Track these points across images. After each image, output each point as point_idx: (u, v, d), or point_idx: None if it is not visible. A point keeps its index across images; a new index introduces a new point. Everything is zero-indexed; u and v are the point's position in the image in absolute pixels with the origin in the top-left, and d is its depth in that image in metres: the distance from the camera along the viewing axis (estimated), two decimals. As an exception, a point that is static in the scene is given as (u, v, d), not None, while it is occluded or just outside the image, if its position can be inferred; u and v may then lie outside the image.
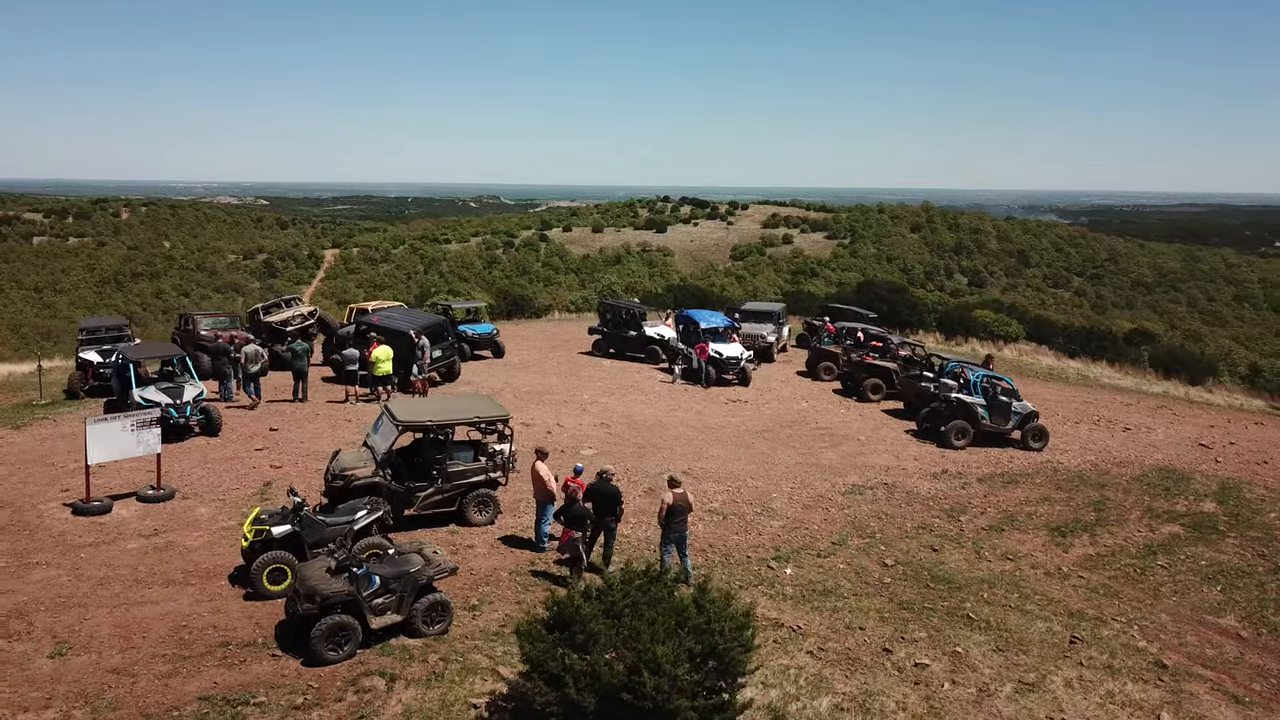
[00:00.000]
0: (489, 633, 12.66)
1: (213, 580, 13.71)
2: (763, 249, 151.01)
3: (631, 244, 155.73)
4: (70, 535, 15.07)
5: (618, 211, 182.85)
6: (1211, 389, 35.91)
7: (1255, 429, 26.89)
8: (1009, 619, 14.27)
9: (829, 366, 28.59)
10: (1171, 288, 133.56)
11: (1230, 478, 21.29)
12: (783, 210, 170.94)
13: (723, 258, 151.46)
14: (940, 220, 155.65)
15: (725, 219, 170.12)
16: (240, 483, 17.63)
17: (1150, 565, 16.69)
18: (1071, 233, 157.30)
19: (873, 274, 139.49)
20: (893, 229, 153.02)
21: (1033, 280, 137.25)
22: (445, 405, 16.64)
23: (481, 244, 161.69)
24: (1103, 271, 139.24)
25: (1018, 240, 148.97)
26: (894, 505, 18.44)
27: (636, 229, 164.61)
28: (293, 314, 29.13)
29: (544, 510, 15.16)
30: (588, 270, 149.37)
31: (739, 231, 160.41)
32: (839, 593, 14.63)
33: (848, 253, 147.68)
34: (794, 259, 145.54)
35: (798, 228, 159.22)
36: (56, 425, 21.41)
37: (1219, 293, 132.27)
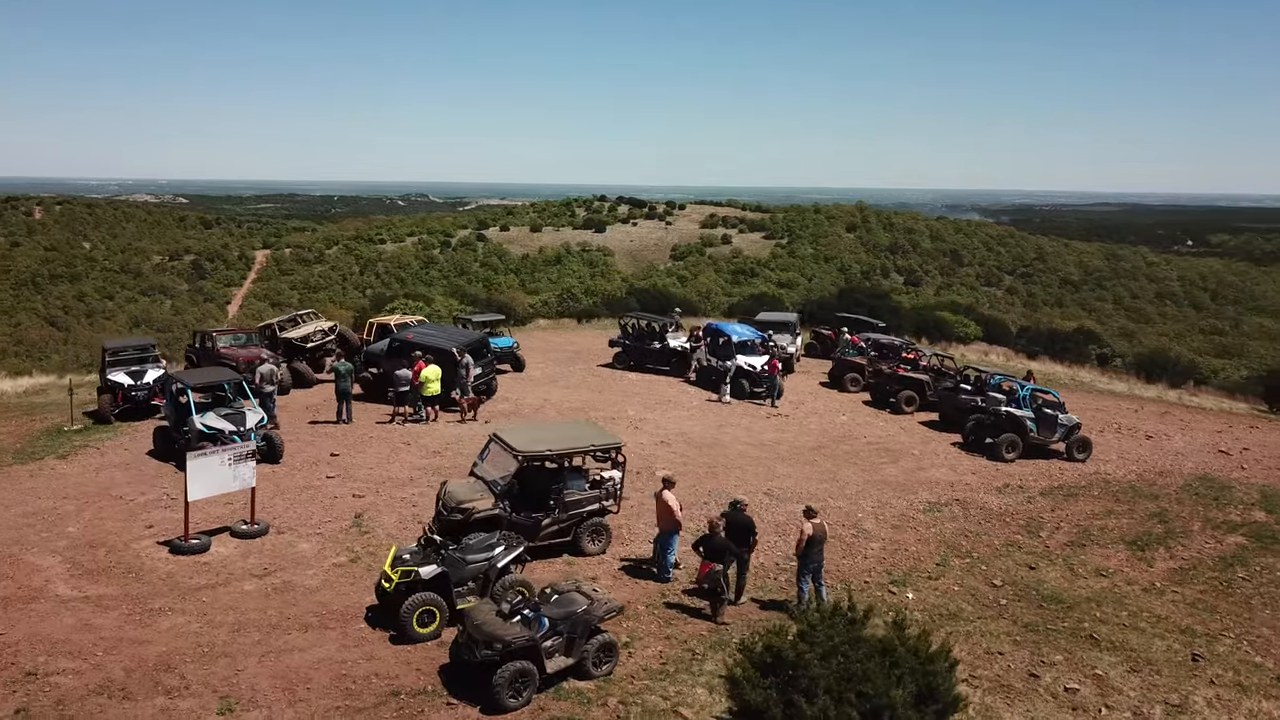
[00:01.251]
0: (652, 671, 12.54)
1: (350, 623, 13.32)
2: (702, 249, 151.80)
3: (571, 243, 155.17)
4: (179, 577, 14.49)
5: (555, 211, 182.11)
6: (1195, 392, 37.32)
7: (1256, 433, 27.92)
8: (1129, 638, 14.64)
9: (855, 378, 28.93)
10: (1098, 285, 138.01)
11: (1267, 485, 22.14)
12: (720, 210, 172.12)
13: (663, 258, 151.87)
14: (875, 220, 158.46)
15: (663, 219, 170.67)
16: (329, 514, 17.15)
17: (1232, 578, 17.26)
18: (1000, 232, 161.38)
19: (811, 274, 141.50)
20: (829, 229, 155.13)
21: (966, 279, 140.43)
22: (557, 433, 16.39)
23: (417, 244, 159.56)
24: (1032, 270, 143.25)
25: (950, 240, 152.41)
26: (974, 522, 18.77)
27: (575, 228, 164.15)
28: (313, 330, 28.41)
29: (670, 540, 15.07)
30: (527, 270, 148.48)
31: (678, 231, 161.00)
32: (963, 616, 14.85)
33: (786, 253, 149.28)
34: (734, 259, 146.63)
35: (735, 228, 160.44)
36: (102, 454, 20.55)
37: (1142, 290, 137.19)
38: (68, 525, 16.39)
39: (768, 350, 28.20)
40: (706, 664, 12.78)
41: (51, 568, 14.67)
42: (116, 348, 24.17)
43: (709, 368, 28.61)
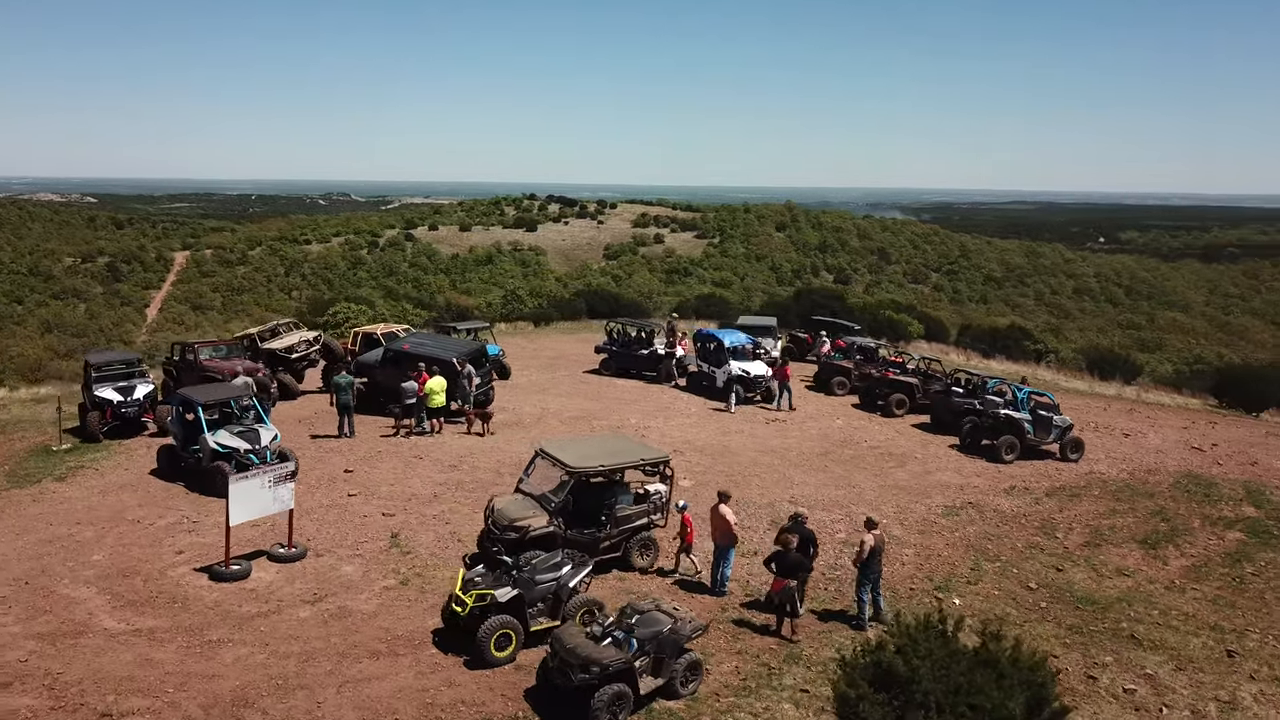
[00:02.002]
0: (733, 687, 12.59)
1: (420, 648, 13.08)
2: (635, 248, 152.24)
3: (502, 243, 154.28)
4: (228, 605, 14.05)
5: (484, 210, 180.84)
6: (1147, 389, 38.72)
7: (1219, 429, 29.08)
8: (1167, 637, 15.16)
9: (841, 381, 29.35)
10: (1019, 282, 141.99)
11: (1248, 481, 23.09)
12: (651, 210, 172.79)
13: (596, 257, 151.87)
14: (804, 219, 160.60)
15: (595, 218, 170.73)
16: (364, 534, 16.79)
17: (1243, 574, 17.97)
18: (925, 230, 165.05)
19: (744, 273, 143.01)
20: (759, 228, 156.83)
21: (894, 276, 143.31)
22: (603, 447, 16.27)
23: (344, 244, 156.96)
24: (957, 267, 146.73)
25: (877, 238, 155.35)
26: (992, 525, 19.22)
27: (506, 227, 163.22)
28: (297, 339, 27.73)
29: (726, 554, 15.13)
30: (458, 270, 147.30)
31: (610, 231, 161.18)
32: (1010, 620, 15.18)
33: (718, 252, 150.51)
34: (667, 258, 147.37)
35: (668, 227, 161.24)
36: (103, 475, 19.78)
37: (1061, 286, 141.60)
38: (91, 553, 15.76)
39: (759, 354, 28.48)
40: (785, 678, 12.88)
41: (90, 599, 14.10)
42: (102, 362, 23.23)
43: (700, 373, 28.75)
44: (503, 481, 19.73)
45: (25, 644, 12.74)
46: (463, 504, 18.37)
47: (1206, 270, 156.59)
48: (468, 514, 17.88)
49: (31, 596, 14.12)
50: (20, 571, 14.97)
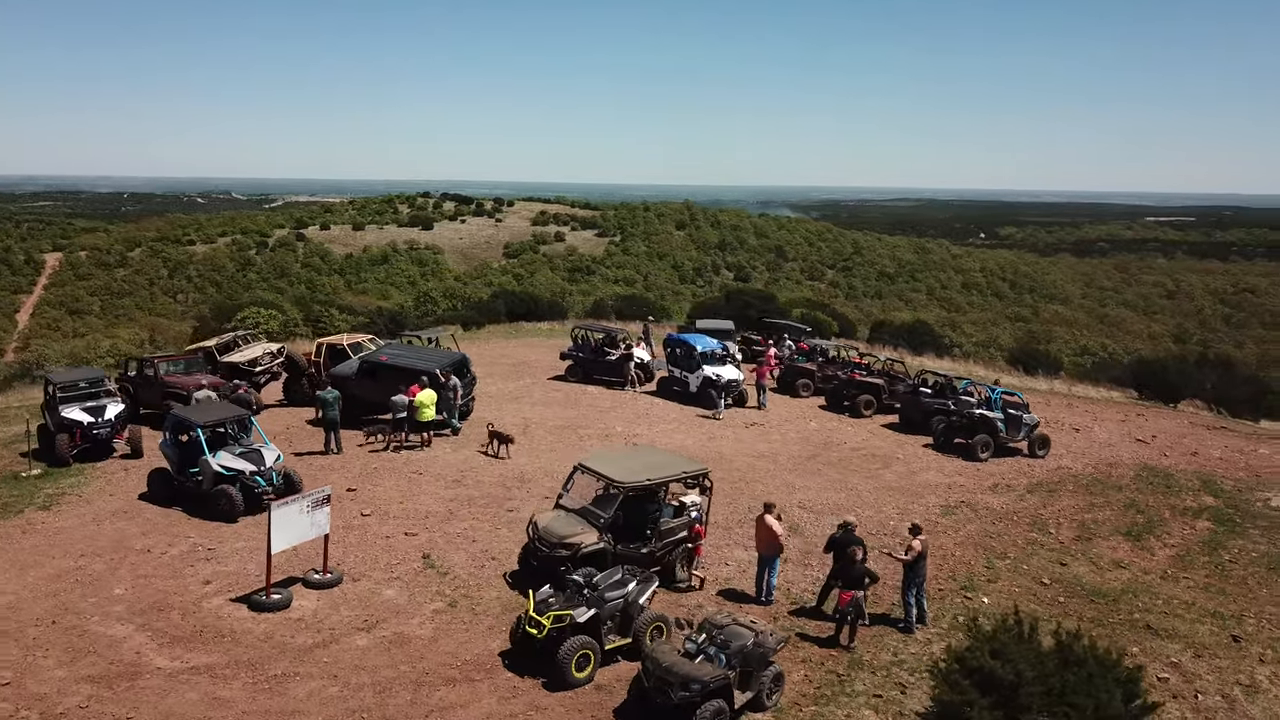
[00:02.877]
0: (809, 696, 12.87)
1: (494, 673, 12.95)
2: (536, 246, 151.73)
3: (398, 242, 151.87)
4: (280, 636, 13.62)
5: (376, 208, 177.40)
6: (1071, 383, 40.70)
7: (1152, 422, 30.82)
8: (1177, 626, 16.07)
9: (806, 383, 29.98)
10: (911, 277, 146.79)
11: (1198, 471, 24.57)
12: (550, 207, 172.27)
13: (495, 256, 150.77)
14: (702, 217, 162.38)
15: (493, 216, 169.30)
16: (393, 556, 16.45)
17: (1221, 562, 19.12)
18: (819, 228, 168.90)
19: (646, 271, 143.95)
20: (659, 227, 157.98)
21: (791, 274, 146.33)
22: (642, 461, 16.28)
23: (231, 245, 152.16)
24: (851, 264, 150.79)
25: (774, 236, 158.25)
26: (988, 523, 19.99)
27: (400, 226, 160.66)
28: (261, 352, 26.83)
29: (772, 563, 15.40)
30: (352, 270, 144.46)
31: (509, 229, 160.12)
32: (1040, 617, 15.85)
33: (620, 250, 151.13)
34: (569, 256, 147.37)
35: (568, 225, 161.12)
36: (89, 503, 18.83)
37: (950, 281, 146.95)
38: (111, 587, 15.05)
39: (730, 357, 28.93)
40: (855, 685, 13.22)
41: (130, 637, 13.48)
42: (66, 382, 22.00)
43: (672, 378, 28.97)
44: (511, 496, 19.61)
45: (80, 688, 12.13)
46: (482, 520, 18.16)
47: (1081, 264, 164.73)
48: (490, 531, 17.71)
49: (65, 636, 13.42)
50: (42, 611, 14.20)
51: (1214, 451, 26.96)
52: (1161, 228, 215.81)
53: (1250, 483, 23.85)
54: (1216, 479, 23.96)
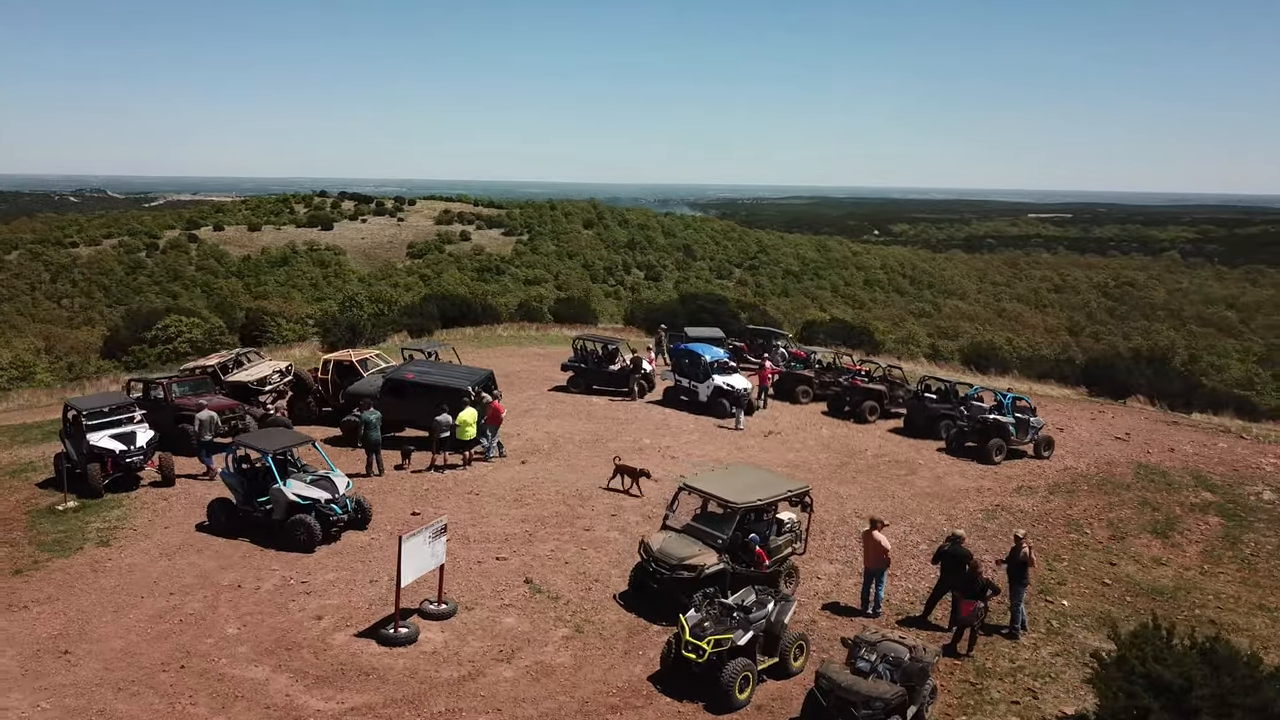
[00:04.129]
0: (956, 706, 13.42)
1: (653, 699, 13.11)
2: (441, 246, 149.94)
3: (297, 243, 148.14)
4: (425, 672, 13.47)
5: (271, 207, 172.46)
6: (1022, 380, 42.57)
7: (1120, 419, 32.52)
8: (1236, 619, 17.21)
9: (805, 390, 30.69)
10: (815, 275, 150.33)
11: (1189, 468, 26.17)
12: (454, 206, 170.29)
13: (399, 256, 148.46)
14: (610, 216, 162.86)
15: (394, 215, 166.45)
16: (495, 583, 16.36)
17: (1243, 555, 20.51)
18: (725, 227, 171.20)
19: (556, 270, 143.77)
20: (567, 226, 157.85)
21: (700, 272, 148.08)
22: (745, 480, 16.53)
23: (119, 246, 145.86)
24: (757, 262, 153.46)
25: (681, 235, 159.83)
26: (1028, 525, 20.77)
27: (299, 226, 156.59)
28: (269, 371, 26.05)
29: (880, 576, 15.91)
30: (251, 273, 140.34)
31: (412, 229, 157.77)
32: (1119, 618, 16.78)
33: (529, 249, 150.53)
34: (476, 256, 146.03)
35: (473, 224, 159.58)
36: (147, 536, 18.13)
37: (853, 278, 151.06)
38: (222, 626, 14.61)
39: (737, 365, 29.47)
40: (991, 692, 13.84)
41: (272, 679, 13.15)
42: (93, 408, 20.96)
43: (679, 388, 29.30)
44: (579, 515, 19.66)
45: (249, 737, 11.82)
46: (564, 542, 18.19)
47: (973, 260, 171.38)
48: (577, 552, 17.77)
49: (204, 682, 13.00)
50: (162, 655, 13.71)
51: (1187, 448, 28.64)
52: (1043, 224, 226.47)
53: (1234, 477, 25.45)
54: (1205, 475, 25.50)
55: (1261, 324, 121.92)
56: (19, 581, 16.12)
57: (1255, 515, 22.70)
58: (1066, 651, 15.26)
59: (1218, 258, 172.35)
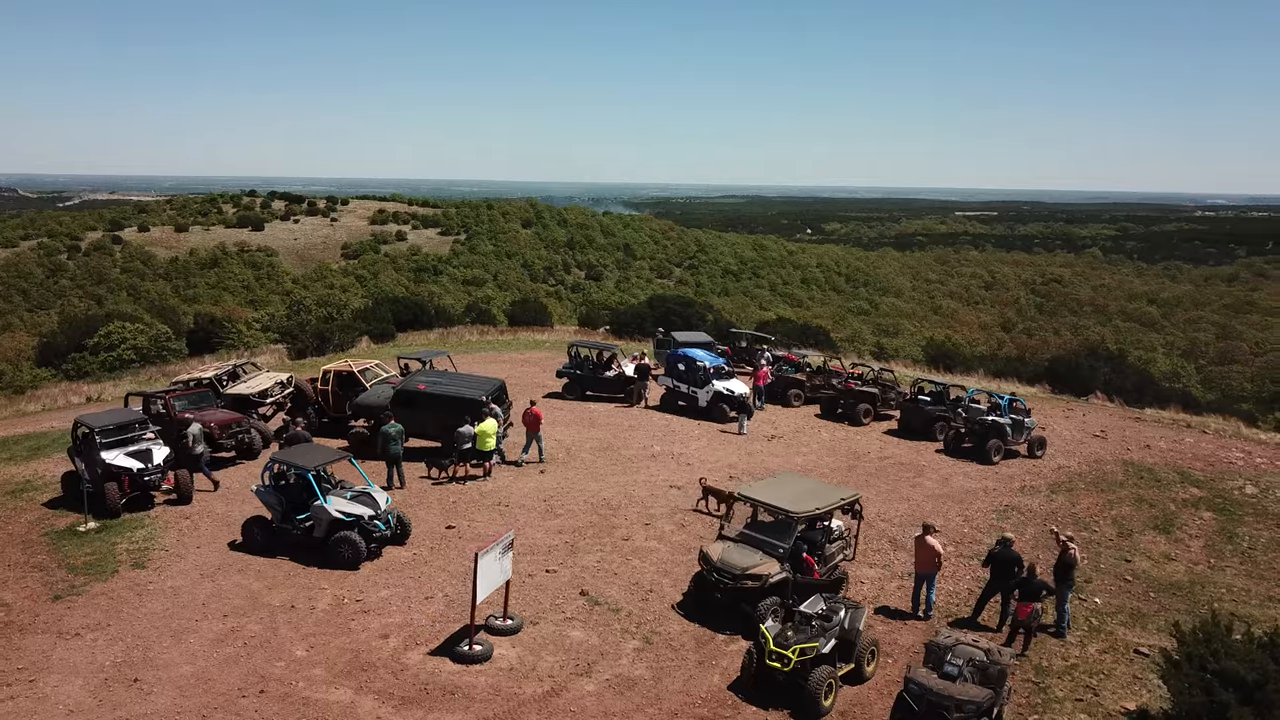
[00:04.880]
0: (1024, 706, 13.88)
1: (739, 709, 13.33)
2: (377, 246, 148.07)
3: (227, 244, 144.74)
4: (508, 688, 13.50)
5: (198, 207, 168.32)
6: (990, 379, 43.75)
7: (1088, 416, 33.66)
8: (1253, 612, 17.96)
9: (797, 393, 31.16)
10: (753, 274, 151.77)
11: (1168, 464, 27.22)
12: (389, 206, 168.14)
13: (334, 256, 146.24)
14: (549, 216, 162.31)
15: (327, 215, 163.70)
16: (552, 596, 16.41)
17: (1242, 548, 21.43)
18: (663, 226, 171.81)
19: (495, 270, 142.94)
20: (505, 225, 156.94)
21: (641, 272, 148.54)
22: (798, 488, 16.80)
23: (37, 248, 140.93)
24: (697, 262, 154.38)
25: (620, 235, 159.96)
26: (1040, 524, 21.54)
27: (228, 227, 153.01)
28: (271, 383, 25.57)
29: (931, 580, 16.34)
30: (180, 275, 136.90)
31: (346, 229, 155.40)
32: (1149, 613, 17.50)
33: (467, 249, 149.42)
34: (413, 256, 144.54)
35: (408, 224, 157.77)
36: (181, 557, 17.74)
37: (790, 277, 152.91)
38: (289, 648, 14.43)
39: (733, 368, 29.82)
40: (1055, 690, 14.34)
41: (358, 701, 13.05)
42: (106, 425, 20.34)
43: (676, 393, 29.51)
44: (614, 525, 19.75)
45: (352, 761, 11.72)
46: (608, 552, 18.29)
47: (905, 258, 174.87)
48: (622, 562, 17.90)
49: (290, 707, 12.84)
50: (237, 680, 13.49)
51: (1161, 444, 29.77)
52: (970, 222, 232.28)
53: (1214, 473, 26.52)
54: (1188, 471, 26.53)
55: (1181, 319, 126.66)
56: (61, 608, 15.67)
57: (1243, 509, 23.72)
58: (1112, 648, 15.87)
59: (1137, 254, 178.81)
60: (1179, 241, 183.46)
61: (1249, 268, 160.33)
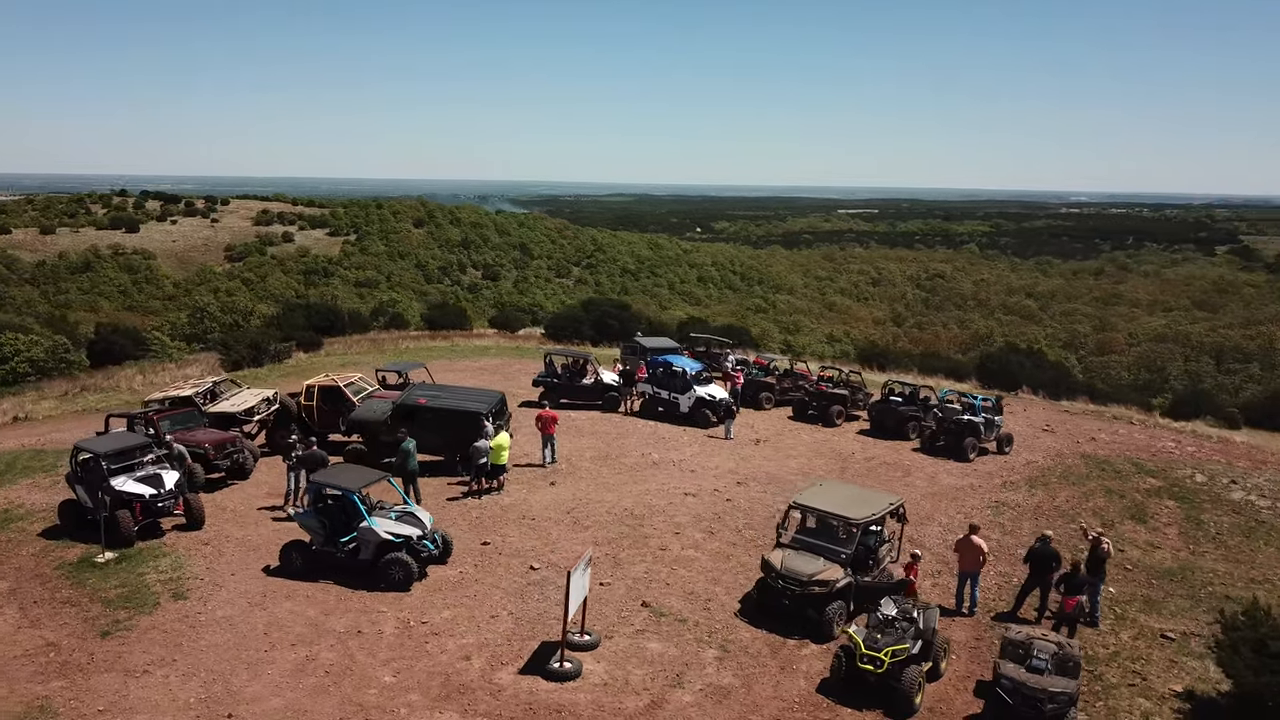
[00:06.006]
0: (1087, 692, 14.81)
1: (836, 713, 13.84)
2: (263, 248, 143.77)
3: (100, 246, 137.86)
4: (609, 704, 13.70)
5: (64, 208, 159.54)
6: (923, 377, 45.52)
7: (1028, 411, 35.46)
8: (1241, 593, 19.41)
9: (768, 396, 31.90)
10: (651, 272, 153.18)
11: (1120, 455, 28.97)
12: (272, 206, 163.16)
13: (216, 259, 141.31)
14: (441, 215, 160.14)
15: (207, 216, 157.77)
16: (615, 609, 16.58)
17: (1212, 534, 22.97)
18: (559, 224, 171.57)
19: (389, 271, 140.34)
20: (397, 225, 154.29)
21: (540, 271, 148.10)
22: (845, 495, 17.39)
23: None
24: (594, 261, 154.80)
25: (516, 234, 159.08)
26: (1030, 519, 22.70)
27: (99, 228, 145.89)
28: (256, 400, 24.78)
29: (975, 578, 17.17)
30: (49, 280, 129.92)
31: (229, 230, 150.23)
32: (1158, 600, 18.77)
33: (358, 250, 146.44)
34: (301, 258, 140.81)
35: (295, 224, 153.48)
36: (219, 586, 17.19)
37: (686, 275, 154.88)
38: (376, 675, 14.25)
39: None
40: (1108, 677, 15.33)
41: (467, 727, 13.01)
42: (112, 450, 19.37)
43: (656, 399, 29.83)
44: (646, 535, 19.99)
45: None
46: (651, 562, 18.54)
47: (795, 255, 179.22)
48: (669, 572, 18.19)
49: (401, 735, 12.73)
50: (334, 710, 13.31)
51: (1102, 436, 31.66)
52: (853, 219, 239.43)
53: (1161, 462, 28.28)
54: (1140, 462, 28.22)
55: (1057, 311, 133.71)
56: (114, 644, 15.05)
57: (1199, 497, 25.40)
58: (1141, 635, 16.99)
59: (1010, 250, 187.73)
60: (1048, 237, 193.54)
61: (1113, 261, 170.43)
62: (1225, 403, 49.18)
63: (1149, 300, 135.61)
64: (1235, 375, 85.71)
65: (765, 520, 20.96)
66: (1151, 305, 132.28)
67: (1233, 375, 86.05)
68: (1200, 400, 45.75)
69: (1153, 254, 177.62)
